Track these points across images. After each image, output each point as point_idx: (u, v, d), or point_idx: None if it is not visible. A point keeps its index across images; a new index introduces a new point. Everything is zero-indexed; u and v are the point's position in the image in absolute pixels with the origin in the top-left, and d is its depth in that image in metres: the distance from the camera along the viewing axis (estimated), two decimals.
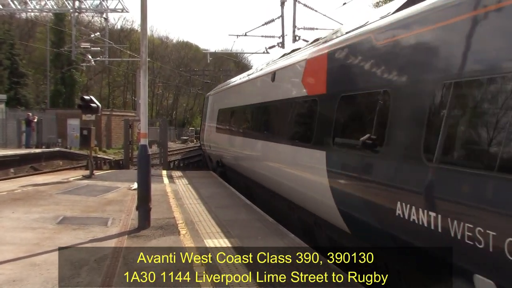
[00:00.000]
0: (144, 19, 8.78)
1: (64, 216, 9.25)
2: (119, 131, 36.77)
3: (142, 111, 9.02)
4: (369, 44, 6.35)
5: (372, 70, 6.14)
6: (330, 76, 7.64)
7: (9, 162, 20.87)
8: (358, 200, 6.10)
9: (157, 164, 22.63)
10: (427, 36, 5.13)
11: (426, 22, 5.17)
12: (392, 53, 5.78)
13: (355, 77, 6.77)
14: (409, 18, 5.57)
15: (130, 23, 68.46)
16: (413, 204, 4.82)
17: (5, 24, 45.98)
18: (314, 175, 7.64)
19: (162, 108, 76.84)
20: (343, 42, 7.24)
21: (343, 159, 6.79)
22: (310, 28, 25.42)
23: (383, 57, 5.94)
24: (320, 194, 7.36)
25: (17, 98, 41.52)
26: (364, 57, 6.43)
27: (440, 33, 4.91)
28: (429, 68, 5.00)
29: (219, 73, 63.98)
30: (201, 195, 12.58)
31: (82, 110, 16.63)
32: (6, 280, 5.51)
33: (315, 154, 7.55)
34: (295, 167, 8.84)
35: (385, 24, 6.12)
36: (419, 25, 5.30)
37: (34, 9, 32.10)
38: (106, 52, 35.48)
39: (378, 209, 5.60)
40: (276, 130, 10.57)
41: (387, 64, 5.83)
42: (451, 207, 4.35)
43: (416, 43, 5.34)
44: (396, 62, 5.68)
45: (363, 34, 6.60)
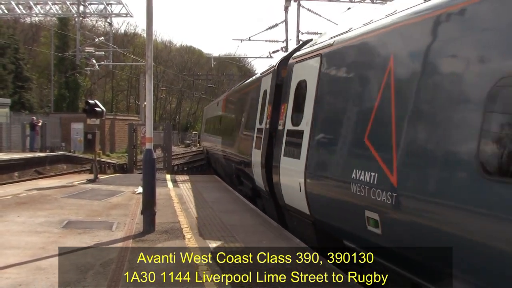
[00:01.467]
0: (150, 24, 8.82)
1: (69, 220, 9.27)
2: (122, 135, 36.87)
3: (147, 116, 9.04)
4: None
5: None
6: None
7: (14, 166, 20.93)
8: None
9: (161, 168, 22.69)
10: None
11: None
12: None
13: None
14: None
15: (133, 27, 69.09)
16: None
17: (9, 28, 46.20)
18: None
19: (166, 112, 77.01)
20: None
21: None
22: (314, 33, 25.41)
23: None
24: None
25: (21, 102, 41.70)
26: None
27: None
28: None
29: (222, 77, 64.06)
30: (206, 200, 12.59)
31: (87, 114, 16.69)
32: (12, 284, 5.52)
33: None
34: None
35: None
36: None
37: (38, 14, 32.17)
38: (110, 56, 35.57)
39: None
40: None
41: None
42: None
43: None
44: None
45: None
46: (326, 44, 7.58)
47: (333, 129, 6.89)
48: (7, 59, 41.53)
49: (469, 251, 4.12)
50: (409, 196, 4.88)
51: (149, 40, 9.02)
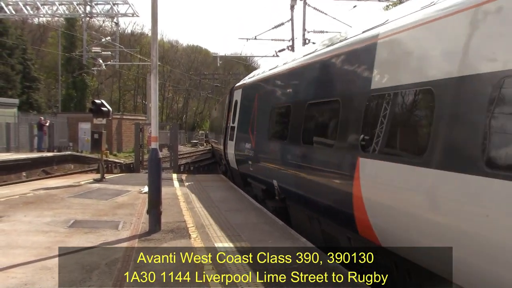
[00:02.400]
0: (155, 23, 8.81)
1: (75, 220, 9.29)
2: (129, 135, 36.97)
3: (153, 115, 9.04)
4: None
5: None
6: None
7: (21, 166, 21.06)
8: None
9: (167, 168, 22.71)
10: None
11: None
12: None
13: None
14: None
15: (140, 27, 69.37)
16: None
17: (17, 29, 46.48)
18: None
19: (173, 111, 77.17)
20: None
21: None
22: (320, 31, 25.41)
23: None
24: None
25: (29, 102, 41.97)
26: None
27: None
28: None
29: (229, 76, 64.08)
30: (212, 199, 12.59)
31: (93, 114, 16.74)
32: (18, 283, 5.54)
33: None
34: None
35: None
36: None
37: (46, 14, 32.33)
38: (117, 56, 35.70)
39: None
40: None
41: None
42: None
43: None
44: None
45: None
46: (244, 82, 16.37)
47: (243, 126, 14.65)
48: (15, 60, 41.80)
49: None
50: (257, 153, 12.28)
51: (154, 39, 9.01)
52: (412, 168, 5.14)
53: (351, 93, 7.04)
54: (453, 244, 4.49)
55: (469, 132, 4.42)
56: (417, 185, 5.10)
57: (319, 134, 8.28)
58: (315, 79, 8.90)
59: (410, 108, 5.52)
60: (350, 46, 7.35)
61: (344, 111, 7.07)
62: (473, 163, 4.25)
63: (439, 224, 4.75)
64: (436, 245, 4.74)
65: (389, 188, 5.64)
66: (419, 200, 5.05)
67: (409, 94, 5.45)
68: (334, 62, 7.93)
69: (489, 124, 4.17)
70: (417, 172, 5.05)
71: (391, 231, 5.77)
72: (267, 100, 12.22)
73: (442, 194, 4.71)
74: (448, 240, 4.57)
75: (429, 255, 4.99)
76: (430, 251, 4.92)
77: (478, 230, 4.24)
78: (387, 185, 5.68)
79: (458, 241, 4.47)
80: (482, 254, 4.23)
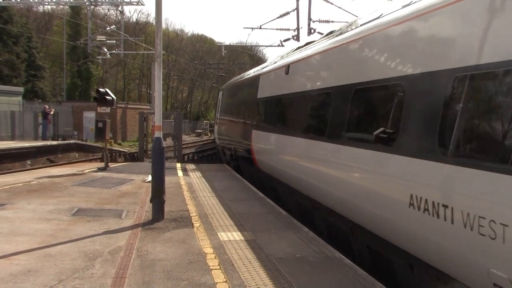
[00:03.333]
0: (159, 11, 8.75)
1: (79, 208, 9.31)
2: (134, 124, 37.04)
3: (157, 104, 9.01)
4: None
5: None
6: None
7: (26, 154, 21.13)
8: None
9: (171, 157, 22.74)
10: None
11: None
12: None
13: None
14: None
15: (145, 16, 69.11)
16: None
17: (22, 17, 46.47)
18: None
19: (177, 101, 77.18)
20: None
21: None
22: (326, 21, 25.15)
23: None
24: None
25: (34, 90, 42.06)
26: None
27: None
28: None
29: (234, 66, 63.90)
30: (215, 188, 12.59)
31: (97, 103, 16.71)
32: (21, 270, 5.56)
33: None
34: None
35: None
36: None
37: (51, 2, 32.25)
38: (122, 45, 35.62)
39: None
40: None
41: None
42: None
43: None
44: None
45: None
46: (226, 85, 25.64)
47: (225, 117, 22.03)
48: (21, 48, 41.82)
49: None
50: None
51: (158, 28, 8.95)
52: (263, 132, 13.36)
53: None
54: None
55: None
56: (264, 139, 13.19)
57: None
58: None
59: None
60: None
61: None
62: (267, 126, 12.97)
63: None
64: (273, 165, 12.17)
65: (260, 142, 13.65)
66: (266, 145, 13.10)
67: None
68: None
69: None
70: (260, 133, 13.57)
71: (262, 162, 13.37)
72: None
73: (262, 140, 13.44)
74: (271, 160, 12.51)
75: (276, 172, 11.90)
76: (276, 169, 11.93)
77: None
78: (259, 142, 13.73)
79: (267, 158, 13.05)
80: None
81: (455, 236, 4.35)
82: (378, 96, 6.49)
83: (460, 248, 4.32)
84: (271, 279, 5.49)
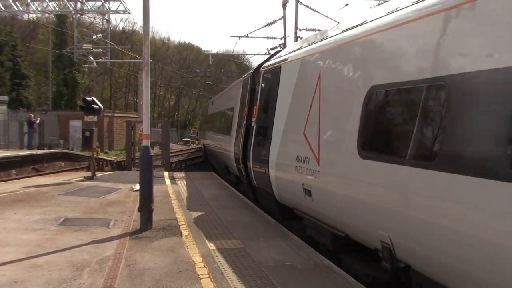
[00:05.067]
0: (146, 20, 8.76)
1: (65, 218, 9.22)
2: (121, 133, 36.79)
3: (144, 112, 8.99)
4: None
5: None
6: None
7: (11, 163, 20.88)
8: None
9: (159, 166, 22.63)
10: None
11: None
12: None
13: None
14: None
15: (131, 24, 68.55)
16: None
17: (6, 26, 45.99)
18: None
19: (164, 109, 76.87)
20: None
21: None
22: (312, 29, 25.36)
23: None
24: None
25: (19, 99, 41.53)
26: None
27: None
28: None
29: (221, 74, 63.88)
30: (203, 196, 12.56)
31: (84, 112, 16.61)
32: (7, 281, 5.49)
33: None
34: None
35: None
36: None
37: (36, 11, 32.15)
38: (108, 53, 35.53)
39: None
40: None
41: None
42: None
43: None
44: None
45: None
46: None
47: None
48: (5, 57, 41.39)
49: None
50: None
51: (146, 36, 8.95)
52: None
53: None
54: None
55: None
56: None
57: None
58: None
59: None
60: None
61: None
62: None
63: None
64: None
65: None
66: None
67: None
68: None
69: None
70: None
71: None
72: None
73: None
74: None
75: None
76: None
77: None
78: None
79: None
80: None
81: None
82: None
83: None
84: (260, 287, 5.49)
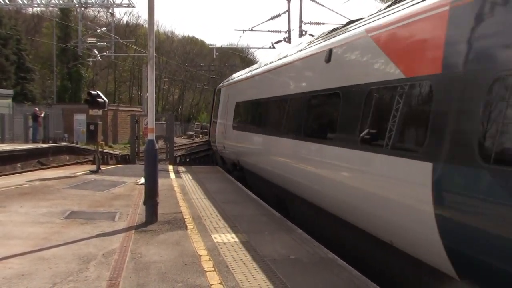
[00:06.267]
0: (151, 13, 8.74)
1: (71, 211, 9.28)
2: (125, 126, 36.83)
3: (150, 106, 9.00)
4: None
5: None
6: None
7: (17, 157, 20.97)
8: None
9: (163, 159, 22.66)
10: None
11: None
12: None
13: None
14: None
15: (136, 18, 68.91)
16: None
17: (11, 19, 46.07)
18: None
19: (168, 103, 76.95)
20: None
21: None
22: (317, 23, 25.28)
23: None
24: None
25: (23, 93, 41.70)
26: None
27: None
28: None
29: (225, 68, 63.84)
30: (208, 190, 12.59)
31: (89, 105, 16.64)
32: (15, 274, 5.53)
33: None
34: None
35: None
36: None
37: (40, 4, 32.14)
38: (112, 47, 35.50)
39: None
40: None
41: None
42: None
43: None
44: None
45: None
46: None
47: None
48: (10, 50, 41.49)
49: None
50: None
51: (151, 30, 8.95)
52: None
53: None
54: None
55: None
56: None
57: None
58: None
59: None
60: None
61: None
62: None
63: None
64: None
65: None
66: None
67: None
68: None
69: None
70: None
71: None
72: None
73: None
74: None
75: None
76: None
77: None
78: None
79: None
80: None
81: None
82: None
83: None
84: (265, 280, 5.51)
